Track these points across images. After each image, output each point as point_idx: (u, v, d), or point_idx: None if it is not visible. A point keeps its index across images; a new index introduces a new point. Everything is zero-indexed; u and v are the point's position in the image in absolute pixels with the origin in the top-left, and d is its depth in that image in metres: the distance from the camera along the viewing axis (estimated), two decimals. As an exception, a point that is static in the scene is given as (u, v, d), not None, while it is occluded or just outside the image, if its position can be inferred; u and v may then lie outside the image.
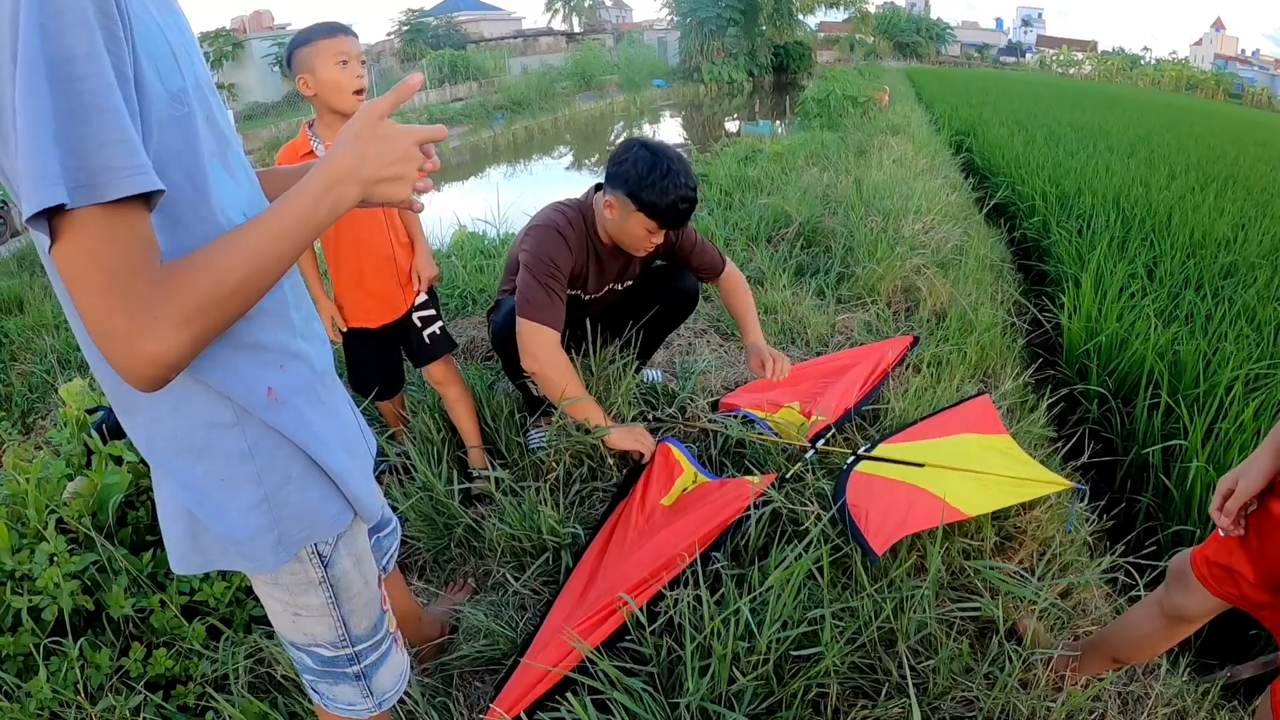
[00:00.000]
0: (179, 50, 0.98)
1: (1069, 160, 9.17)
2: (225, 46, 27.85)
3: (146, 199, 0.86)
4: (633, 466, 2.68)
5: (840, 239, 5.12)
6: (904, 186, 6.13)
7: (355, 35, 2.50)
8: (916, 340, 3.62)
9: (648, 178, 2.47)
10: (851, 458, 2.58)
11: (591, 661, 1.91)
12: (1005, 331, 4.38)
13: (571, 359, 2.83)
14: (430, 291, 2.92)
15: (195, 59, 1.03)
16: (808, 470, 2.62)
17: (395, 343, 2.97)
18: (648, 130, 25.88)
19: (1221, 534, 1.68)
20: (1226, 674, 2.42)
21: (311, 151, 2.56)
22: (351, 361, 3.01)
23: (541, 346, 2.55)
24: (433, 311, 2.91)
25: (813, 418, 2.83)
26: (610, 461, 2.77)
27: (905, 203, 5.62)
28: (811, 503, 2.39)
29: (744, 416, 2.93)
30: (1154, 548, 2.89)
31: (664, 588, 2.13)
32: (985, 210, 7.13)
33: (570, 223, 2.68)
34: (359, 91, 2.48)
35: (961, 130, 12.72)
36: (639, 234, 2.60)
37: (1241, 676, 2.40)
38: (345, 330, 2.88)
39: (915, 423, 2.88)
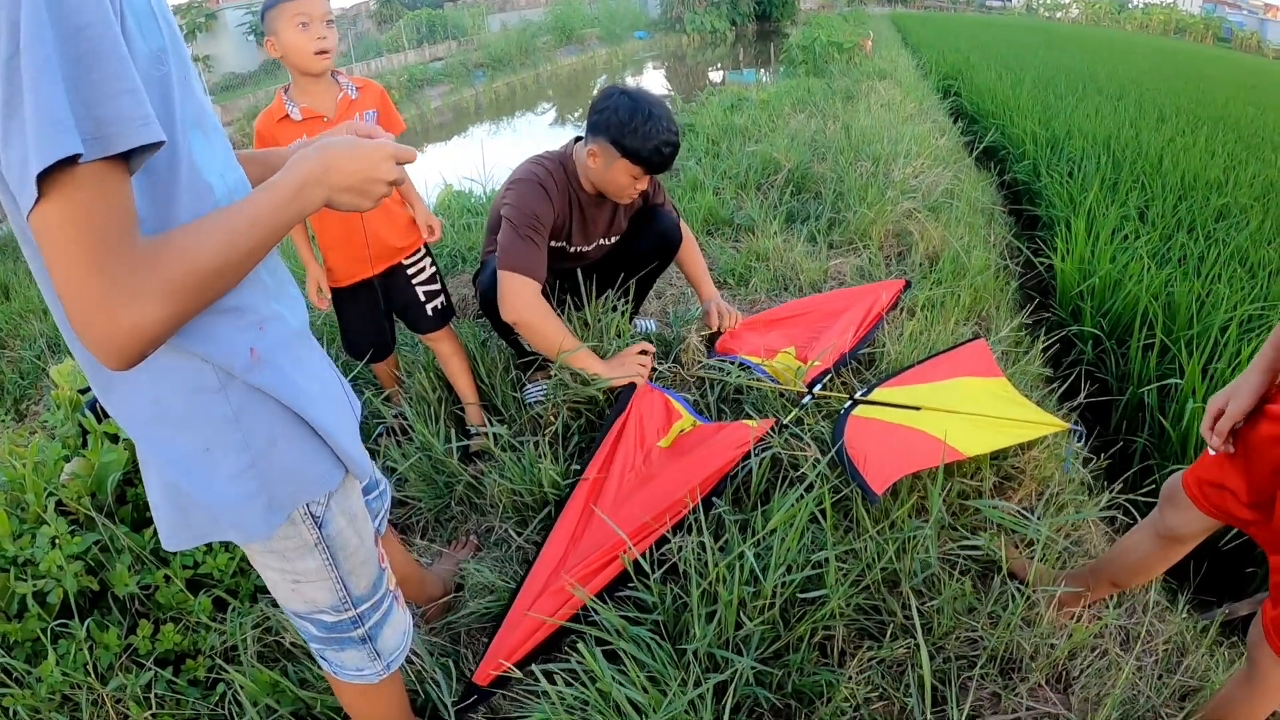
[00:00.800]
0: (158, 10, 0.96)
1: (1058, 103, 9.09)
2: (198, 18, 27.22)
3: (127, 163, 0.83)
4: (622, 391, 2.63)
5: (830, 185, 5.07)
6: (893, 131, 6.06)
7: None
8: (909, 284, 3.58)
9: (630, 124, 2.46)
10: (849, 402, 2.56)
11: (594, 610, 1.89)
12: (998, 274, 4.34)
13: (565, 314, 2.84)
14: (433, 261, 2.95)
15: (169, 18, 1.00)
16: (806, 415, 2.59)
17: (381, 300, 2.93)
18: (631, 82, 25.57)
19: (1212, 452, 1.70)
20: (1224, 611, 2.43)
21: (287, 116, 2.54)
22: (344, 322, 2.99)
23: (518, 295, 2.52)
24: (437, 286, 2.93)
25: (809, 362, 2.81)
26: (609, 411, 2.74)
27: (894, 147, 5.56)
28: (810, 447, 2.36)
29: (740, 363, 2.90)
30: (1151, 486, 2.89)
31: (667, 533, 2.13)
32: (975, 154, 7.06)
33: (551, 174, 2.66)
34: (323, 52, 2.46)
35: (949, 75, 12.59)
36: (623, 181, 2.59)
37: (1240, 613, 2.42)
38: (336, 289, 2.86)
39: (911, 366, 2.86)
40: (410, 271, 2.87)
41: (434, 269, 2.94)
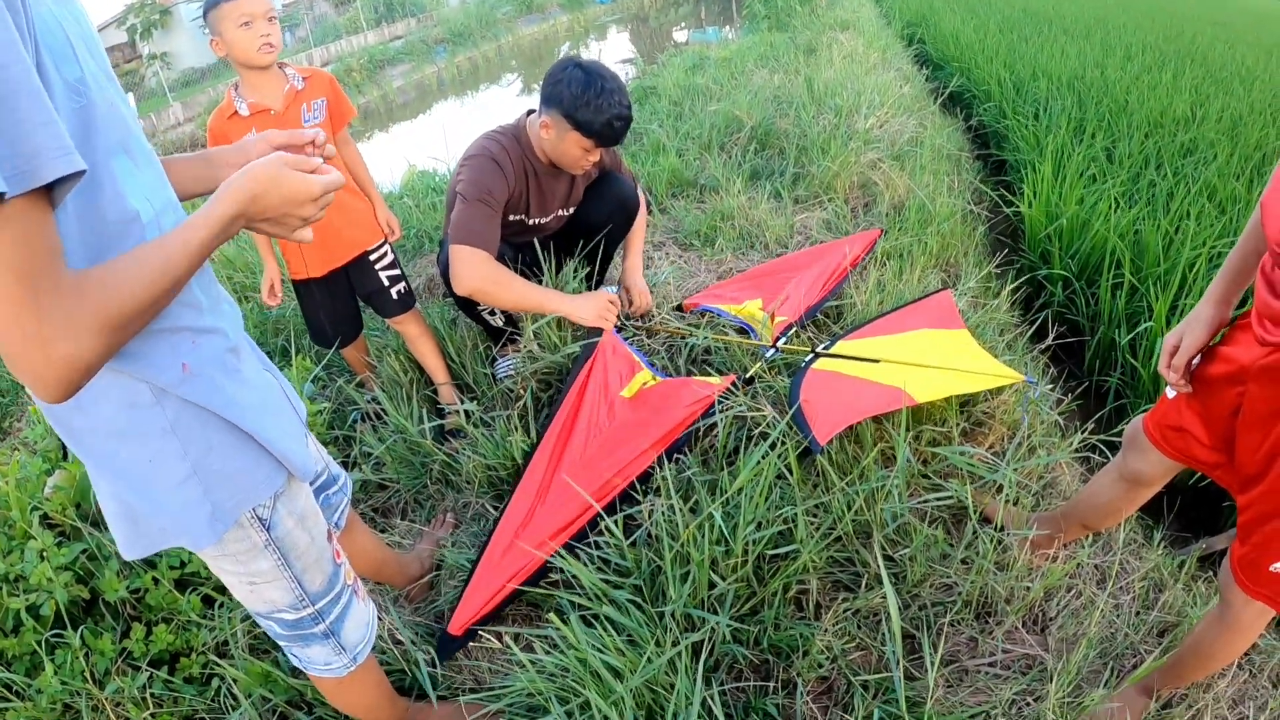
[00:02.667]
0: (76, 41, 0.96)
1: (1023, 46, 9.05)
2: (152, 16, 26.67)
3: (49, 195, 0.82)
4: (586, 343, 2.65)
5: (793, 140, 5.02)
6: (855, 82, 6.00)
7: None
8: (884, 233, 3.54)
9: (582, 97, 2.45)
10: (810, 355, 2.54)
11: (574, 577, 1.91)
12: (965, 220, 4.33)
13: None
14: (392, 248, 2.97)
15: (94, 49, 1.02)
16: (766, 371, 2.58)
17: (348, 287, 2.96)
18: (595, 47, 25.28)
19: (1170, 393, 1.71)
20: (1201, 546, 2.45)
21: (236, 112, 2.56)
22: (307, 313, 2.99)
23: (468, 265, 2.49)
24: (398, 272, 2.96)
25: (776, 317, 2.79)
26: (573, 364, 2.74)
27: (857, 98, 5.51)
28: (767, 407, 2.35)
29: (705, 311, 2.91)
30: (1125, 426, 2.89)
31: (634, 490, 2.17)
32: (940, 100, 7.03)
33: (504, 148, 2.64)
34: (267, 48, 2.48)
35: (913, 22, 12.50)
36: (575, 153, 2.58)
37: (1216, 547, 2.43)
38: (296, 281, 2.88)
39: (876, 318, 2.84)
40: (373, 259, 2.89)
41: (394, 255, 2.97)
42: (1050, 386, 2.99)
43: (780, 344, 2.69)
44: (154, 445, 1.12)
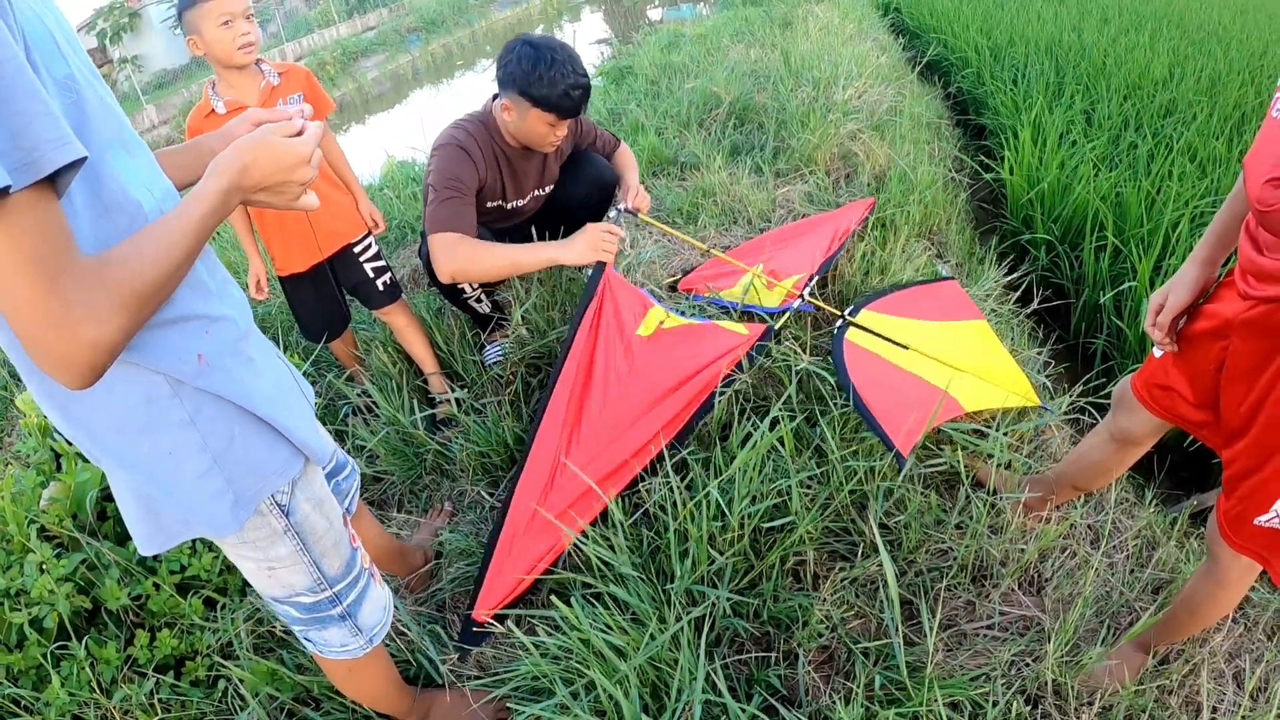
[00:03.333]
0: (60, 38, 0.97)
1: (999, 12, 9.01)
2: (121, 19, 26.25)
3: (54, 185, 0.84)
4: (590, 277, 2.53)
5: (772, 114, 5.01)
6: (832, 54, 5.98)
7: None
8: (876, 200, 3.52)
9: (534, 73, 2.44)
10: (840, 321, 2.51)
11: (579, 551, 1.90)
12: (947, 188, 4.33)
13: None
14: (375, 240, 2.97)
15: (76, 46, 1.03)
16: (795, 323, 2.59)
17: (334, 281, 2.97)
18: (569, 29, 25.12)
19: (1157, 352, 1.72)
20: (1192, 503, 2.47)
21: (214, 110, 2.56)
22: (295, 308, 3.00)
23: (445, 249, 2.46)
24: (383, 263, 2.96)
25: (787, 280, 2.76)
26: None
27: (835, 70, 5.49)
28: (802, 355, 2.35)
29: (711, 303, 2.88)
30: (1113, 387, 2.91)
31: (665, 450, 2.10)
32: (918, 69, 7.01)
33: (471, 135, 2.62)
34: (247, 46, 2.48)
35: (888, -9, 12.46)
36: (540, 130, 2.55)
37: (1208, 504, 2.46)
38: (282, 277, 2.88)
39: (889, 291, 2.83)
40: (357, 250, 2.89)
41: (378, 247, 2.97)
42: (1037, 351, 3.00)
43: (806, 295, 2.63)
44: (174, 438, 1.13)
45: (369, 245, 2.92)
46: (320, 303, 2.97)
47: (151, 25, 27.08)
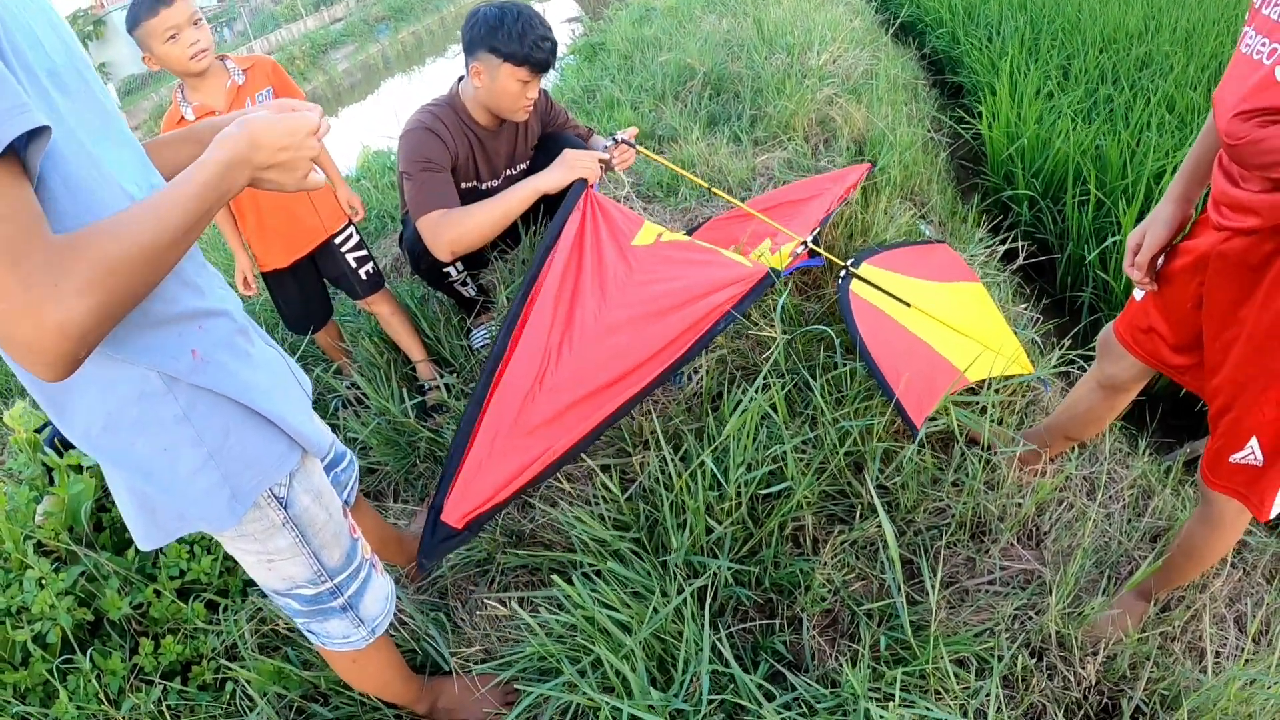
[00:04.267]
0: (45, 31, 0.98)
1: (971, -30, 8.97)
2: (86, 27, 25.83)
3: (21, 162, 0.81)
4: (569, 196, 2.39)
5: (748, 82, 4.97)
6: (805, 20, 5.93)
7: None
8: (875, 165, 3.47)
9: (501, 28, 2.41)
10: (844, 272, 2.47)
11: (575, 529, 1.89)
12: (927, 148, 4.32)
13: (496, 256, 2.85)
14: (357, 230, 2.96)
15: (68, 40, 1.03)
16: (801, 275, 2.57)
17: (316, 273, 2.97)
18: (539, 8, 24.90)
19: (1138, 295, 1.73)
20: (1186, 450, 2.48)
21: (184, 117, 2.55)
22: (279, 303, 3.00)
23: (430, 230, 2.42)
24: (365, 253, 2.95)
25: (784, 246, 2.71)
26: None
27: (808, 35, 5.46)
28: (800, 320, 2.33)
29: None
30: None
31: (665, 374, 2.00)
32: (891, 31, 6.98)
33: (439, 117, 2.59)
34: (199, 54, 2.45)
35: (857, -45, 12.37)
36: (513, 88, 2.50)
37: (1200, 451, 2.45)
38: (265, 273, 2.88)
39: (887, 248, 2.80)
40: (338, 242, 2.88)
41: (359, 237, 2.95)
42: (1024, 307, 3.01)
43: (809, 243, 2.58)
44: (168, 434, 1.11)
45: (350, 235, 2.91)
46: (303, 297, 2.96)
47: (117, 32, 26.65)
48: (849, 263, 2.52)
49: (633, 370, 1.96)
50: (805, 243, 2.56)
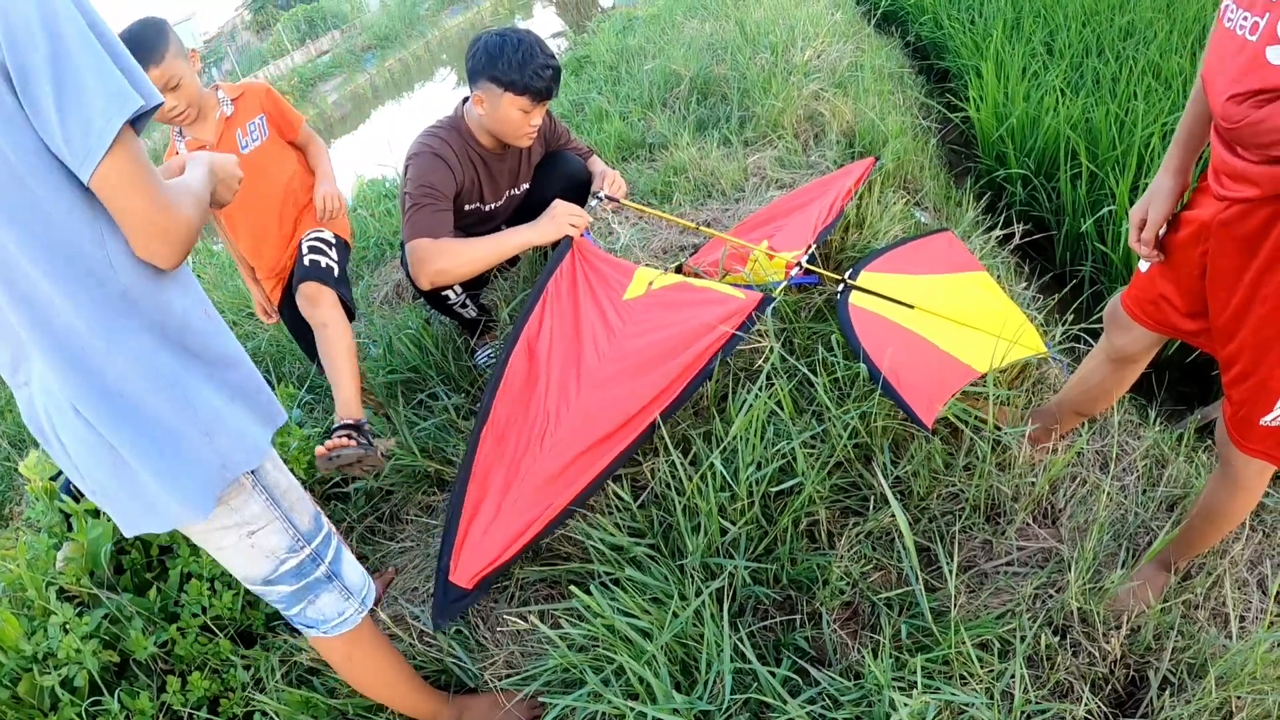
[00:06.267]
0: None
1: (948, -45, 8.97)
2: None
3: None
4: (556, 252, 2.47)
5: (734, 84, 4.99)
6: (786, 17, 5.94)
7: (161, 56, 2.35)
8: (878, 160, 3.46)
9: (501, 57, 2.43)
10: (841, 285, 2.47)
11: (593, 539, 1.89)
12: (916, 136, 4.32)
13: (495, 277, 2.86)
14: (339, 242, 2.76)
15: None
16: (792, 291, 2.57)
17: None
18: (521, 25, 25.03)
19: (1143, 267, 1.72)
20: (1197, 417, 2.47)
21: (177, 152, 2.58)
22: (295, 333, 2.94)
23: (422, 254, 2.42)
24: (322, 247, 2.68)
25: (783, 254, 2.71)
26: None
27: (791, 33, 5.47)
28: (774, 337, 2.33)
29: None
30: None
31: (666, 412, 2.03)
32: (874, 21, 6.99)
33: (445, 141, 2.61)
34: (178, 119, 2.50)
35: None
36: (515, 117, 2.52)
37: (1212, 416, 2.45)
38: (279, 307, 2.85)
39: (885, 251, 2.77)
40: (306, 239, 2.70)
41: (334, 240, 2.73)
42: (1024, 285, 3.00)
43: (804, 263, 2.56)
44: (172, 414, 1.22)
45: (315, 233, 2.70)
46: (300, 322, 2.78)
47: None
48: (847, 275, 2.51)
49: (634, 417, 2.02)
50: (801, 264, 2.56)
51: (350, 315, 2.64)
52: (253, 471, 1.36)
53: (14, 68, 0.99)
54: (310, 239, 2.68)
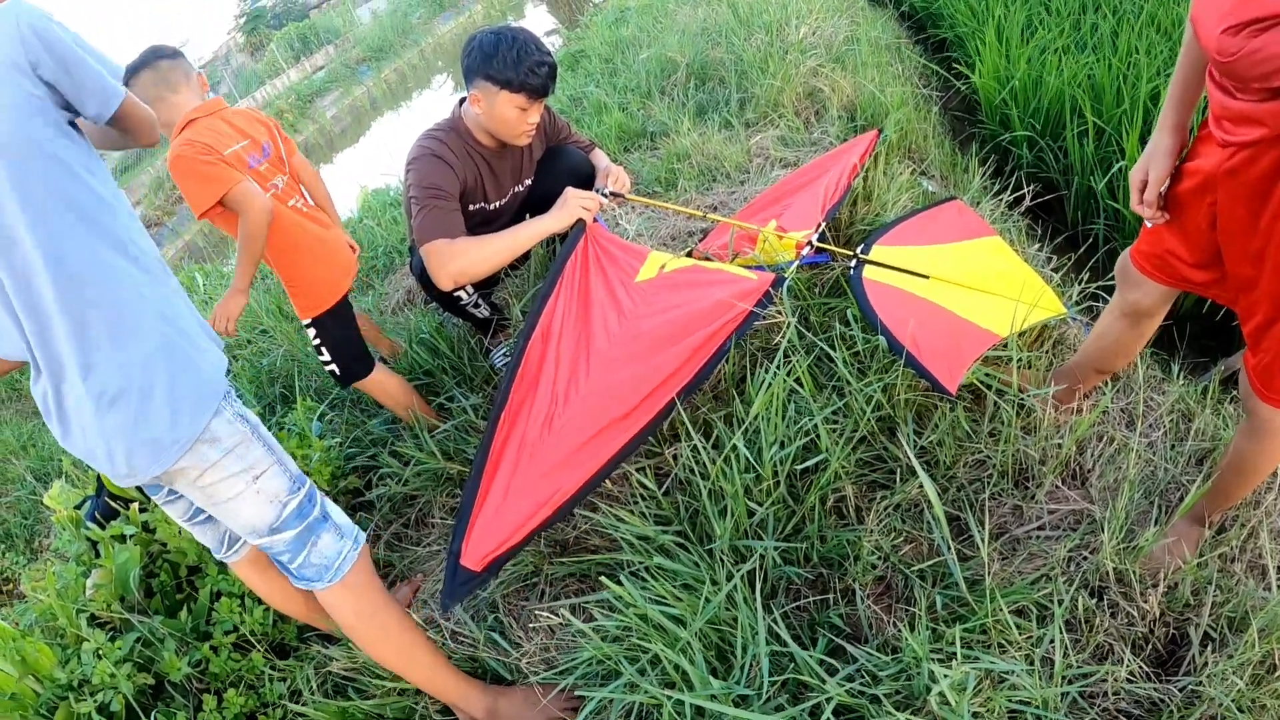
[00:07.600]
0: None
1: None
2: None
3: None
4: (570, 239, 2.46)
5: (731, 67, 4.96)
6: (779, -4, 5.92)
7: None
8: (881, 131, 3.43)
9: (496, 55, 2.41)
10: (854, 260, 2.45)
11: (620, 530, 1.89)
12: (918, 106, 4.28)
13: (502, 275, 2.85)
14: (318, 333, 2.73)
15: None
16: (804, 270, 2.55)
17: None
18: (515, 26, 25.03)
19: (1149, 225, 1.70)
20: (1220, 368, 2.44)
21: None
22: (344, 341, 2.76)
23: (440, 256, 2.41)
24: (325, 354, 2.74)
25: (794, 233, 2.68)
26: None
27: (784, 11, 5.43)
28: (790, 314, 2.32)
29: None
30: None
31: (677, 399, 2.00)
32: (868, -6, 6.96)
33: (445, 142, 2.60)
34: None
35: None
36: (512, 115, 2.51)
37: (1235, 367, 2.42)
38: (325, 312, 2.70)
39: (896, 223, 2.75)
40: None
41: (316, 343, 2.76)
42: (1038, 247, 2.97)
43: (815, 242, 2.54)
44: (189, 343, 1.49)
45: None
46: (358, 335, 2.80)
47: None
48: (859, 250, 2.49)
49: (646, 398, 1.98)
50: (812, 242, 2.53)
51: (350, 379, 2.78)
52: (245, 421, 1.55)
53: (55, 61, 1.36)
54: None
